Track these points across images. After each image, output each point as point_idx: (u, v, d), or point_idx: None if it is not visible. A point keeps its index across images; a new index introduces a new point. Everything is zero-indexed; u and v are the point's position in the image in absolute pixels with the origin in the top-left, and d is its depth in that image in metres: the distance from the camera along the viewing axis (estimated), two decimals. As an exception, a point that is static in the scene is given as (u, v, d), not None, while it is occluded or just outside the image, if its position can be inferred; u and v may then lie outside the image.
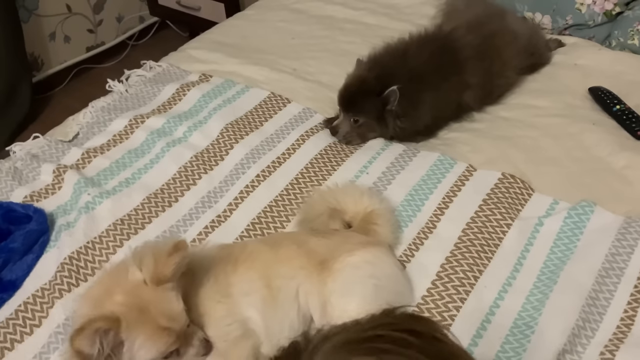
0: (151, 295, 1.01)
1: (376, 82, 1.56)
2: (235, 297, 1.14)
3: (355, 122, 1.60)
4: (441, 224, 1.40)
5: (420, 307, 1.22)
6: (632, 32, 1.87)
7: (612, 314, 1.18)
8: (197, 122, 1.71)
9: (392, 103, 1.54)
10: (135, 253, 1.08)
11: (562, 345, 1.12)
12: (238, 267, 1.17)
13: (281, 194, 1.50)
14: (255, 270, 1.17)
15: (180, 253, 1.03)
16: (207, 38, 2.15)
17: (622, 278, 1.24)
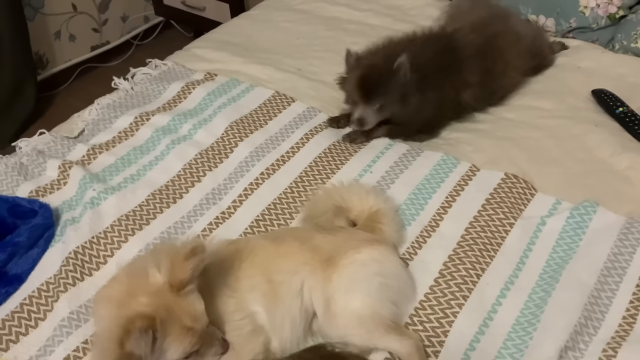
0: (173, 297, 1.01)
1: (385, 65, 1.56)
2: (242, 293, 1.15)
3: (380, 109, 1.58)
4: (444, 222, 1.40)
5: (422, 305, 1.23)
6: (635, 35, 1.88)
7: (614, 312, 1.19)
8: (202, 120, 1.72)
9: (405, 72, 1.54)
10: (153, 254, 1.09)
11: (564, 342, 1.12)
12: (243, 262, 1.18)
13: (285, 191, 1.51)
14: (257, 265, 1.18)
15: (197, 257, 1.02)
16: (212, 37, 2.16)
17: (624, 277, 1.25)
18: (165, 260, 1.01)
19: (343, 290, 1.17)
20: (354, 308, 1.16)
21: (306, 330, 1.20)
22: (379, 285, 1.19)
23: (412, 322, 1.20)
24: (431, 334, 1.18)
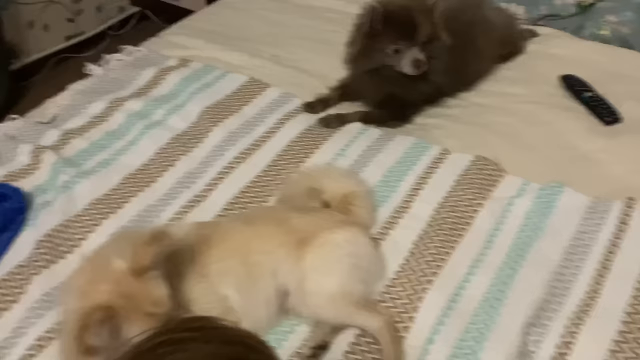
0: (135, 283, 1.01)
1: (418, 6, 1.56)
2: (212, 276, 1.16)
3: (423, 45, 1.55)
4: (415, 204, 1.43)
5: (394, 282, 1.25)
6: (603, 22, 1.93)
7: (577, 288, 1.22)
8: (176, 106, 1.72)
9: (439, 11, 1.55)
10: (115, 241, 1.09)
11: (528, 318, 1.15)
12: (212, 246, 1.18)
13: (259, 175, 1.52)
14: (230, 248, 1.18)
15: (159, 243, 1.03)
16: (187, 25, 2.16)
17: (588, 255, 1.28)
18: (128, 247, 1.01)
19: (316, 270, 1.19)
20: (326, 287, 1.17)
21: (280, 310, 1.21)
22: (350, 266, 1.21)
23: (384, 300, 1.22)
24: (402, 310, 1.20)
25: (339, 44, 1.74)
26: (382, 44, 1.57)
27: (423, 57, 1.55)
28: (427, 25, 1.56)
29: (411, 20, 1.55)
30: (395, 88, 1.66)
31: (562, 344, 1.12)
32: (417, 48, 1.55)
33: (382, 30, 1.56)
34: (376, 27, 1.56)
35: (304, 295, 1.18)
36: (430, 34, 1.57)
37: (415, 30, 1.55)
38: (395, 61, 1.57)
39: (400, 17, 1.55)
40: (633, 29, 1.88)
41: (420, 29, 1.55)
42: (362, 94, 1.75)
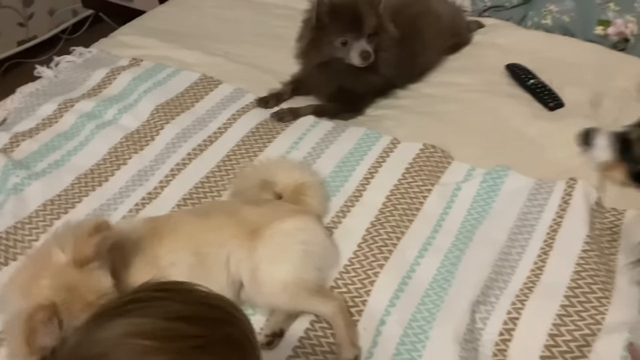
0: (77, 275, 1.02)
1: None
2: (163, 268, 1.16)
3: (369, 37, 1.59)
4: (367, 192, 1.46)
5: (346, 269, 1.27)
6: (545, 12, 1.99)
7: (523, 267, 1.27)
8: (127, 105, 1.72)
9: (380, 2, 1.60)
10: (57, 235, 1.09)
11: (475, 296, 1.19)
12: (163, 238, 1.19)
13: (213, 170, 1.53)
14: (181, 240, 1.20)
15: (101, 233, 1.04)
16: (138, 24, 2.16)
17: (533, 234, 1.33)
18: (68, 239, 1.02)
19: (268, 259, 1.21)
20: (278, 275, 1.19)
21: (234, 300, 1.23)
22: (302, 253, 1.23)
23: (337, 286, 1.25)
24: (355, 294, 1.23)
25: (291, 39, 1.76)
26: (330, 36, 1.60)
27: (370, 49, 1.58)
28: (372, 18, 1.59)
29: (357, 12, 1.59)
30: (345, 81, 1.69)
31: (508, 320, 1.17)
32: (364, 40, 1.58)
33: (329, 24, 1.59)
34: (323, 21, 1.59)
35: (257, 285, 1.19)
36: (376, 26, 1.60)
37: (361, 23, 1.58)
38: (343, 53, 1.60)
39: (346, 10, 1.59)
40: (573, 18, 1.94)
41: (366, 21, 1.58)
42: (314, 87, 1.78)
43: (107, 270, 1.06)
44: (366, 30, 1.59)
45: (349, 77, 1.68)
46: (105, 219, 1.07)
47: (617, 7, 1.89)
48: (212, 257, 1.20)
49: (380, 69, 1.67)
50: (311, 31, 1.63)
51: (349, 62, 1.61)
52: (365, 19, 1.59)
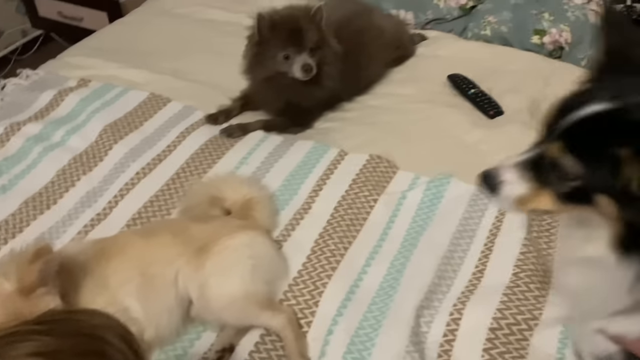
0: (24, 302, 1.01)
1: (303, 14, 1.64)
2: (112, 289, 1.17)
3: (311, 51, 1.63)
4: (315, 204, 1.49)
5: (296, 281, 1.30)
6: (484, 23, 2.06)
7: (464, 270, 1.31)
8: (75, 126, 1.72)
9: (322, 16, 1.64)
10: (0, 264, 1.09)
11: (419, 301, 1.23)
12: (111, 260, 1.20)
13: (162, 188, 1.54)
14: (128, 260, 1.20)
15: (43, 259, 1.03)
16: (85, 45, 2.15)
17: (474, 239, 1.38)
18: (12, 267, 1.02)
19: (216, 275, 1.23)
20: (227, 291, 1.21)
21: (184, 317, 1.24)
22: (251, 268, 1.25)
23: (286, 298, 1.27)
24: (304, 306, 1.25)
25: (238, 55, 1.79)
26: (273, 51, 1.64)
27: (312, 62, 1.63)
28: (313, 32, 1.64)
29: (298, 27, 1.63)
30: (291, 95, 1.72)
31: (451, 321, 1.21)
32: (305, 53, 1.62)
33: (271, 38, 1.63)
34: (265, 36, 1.63)
35: (206, 301, 1.21)
36: (318, 40, 1.65)
37: (302, 37, 1.62)
38: (286, 67, 1.64)
39: (287, 25, 1.63)
40: (510, 28, 2.02)
41: (307, 35, 1.63)
42: (262, 102, 1.81)
43: (57, 295, 1.06)
44: (308, 44, 1.63)
45: (294, 91, 1.71)
46: (47, 244, 1.07)
47: (551, 17, 1.98)
48: (160, 277, 1.21)
49: (324, 82, 1.71)
50: (254, 46, 1.67)
51: (292, 76, 1.65)
52: (306, 33, 1.63)
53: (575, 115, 0.72)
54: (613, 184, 0.69)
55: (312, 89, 1.71)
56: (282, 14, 1.66)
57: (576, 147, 0.72)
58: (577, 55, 1.96)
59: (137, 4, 2.51)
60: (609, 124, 0.71)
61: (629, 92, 0.72)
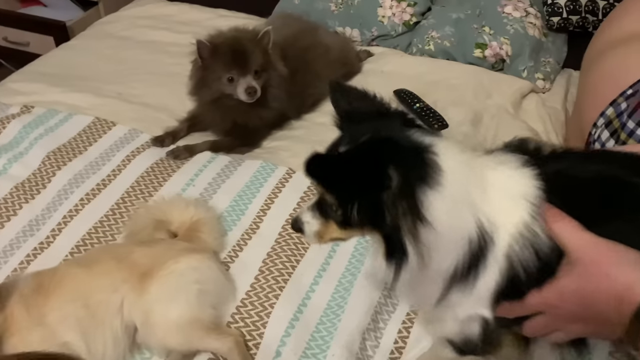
0: None
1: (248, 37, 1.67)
2: (50, 325, 1.14)
3: (256, 73, 1.64)
4: (263, 224, 1.48)
5: (244, 302, 1.29)
6: (427, 39, 2.11)
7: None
8: (17, 154, 1.68)
9: (269, 40, 1.67)
10: None
11: (366, 324, 1.23)
12: (49, 295, 1.16)
13: (107, 214, 1.51)
14: (68, 293, 1.17)
15: None
16: (28, 70, 2.11)
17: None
18: None
19: (161, 300, 1.20)
20: (172, 317, 1.19)
21: (131, 345, 1.22)
22: (197, 292, 1.23)
23: (234, 320, 1.26)
24: (251, 327, 1.24)
25: (184, 76, 1.79)
26: (217, 73, 1.64)
27: (257, 85, 1.63)
28: (258, 55, 1.65)
29: (241, 49, 1.64)
30: (238, 116, 1.72)
31: (398, 339, 1.22)
32: (250, 76, 1.63)
33: (214, 62, 1.63)
34: (207, 60, 1.63)
35: (151, 327, 1.19)
36: (263, 63, 1.66)
37: (246, 59, 1.63)
38: (231, 89, 1.65)
39: (230, 48, 1.64)
40: (453, 42, 2.07)
41: (251, 58, 1.63)
42: (210, 123, 1.80)
43: None
44: (252, 67, 1.63)
45: (241, 112, 1.71)
46: None
47: (491, 30, 2.03)
48: (104, 305, 1.19)
49: (270, 103, 1.72)
50: (198, 70, 1.67)
51: (237, 98, 1.65)
52: (251, 55, 1.64)
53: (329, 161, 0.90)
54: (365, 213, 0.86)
55: (259, 111, 1.71)
56: (226, 37, 1.67)
57: (331, 186, 0.89)
58: (517, 67, 2.02)
59: (84, 27, 2.49)
60: (350, 163, 0.87)
61: (357, 136, 0.89)
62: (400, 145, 0.87)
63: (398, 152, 0.85)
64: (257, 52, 1.65)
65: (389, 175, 0.81)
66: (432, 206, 0.81)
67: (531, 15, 2.06)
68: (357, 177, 0.85)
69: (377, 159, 0.84)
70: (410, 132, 0.90)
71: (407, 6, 2.14)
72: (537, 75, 2.01)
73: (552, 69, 2.06)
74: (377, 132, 0.90)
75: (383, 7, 2.15)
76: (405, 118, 0.97)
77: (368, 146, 0.88)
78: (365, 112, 0.97)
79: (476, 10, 2.09)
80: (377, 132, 0.90)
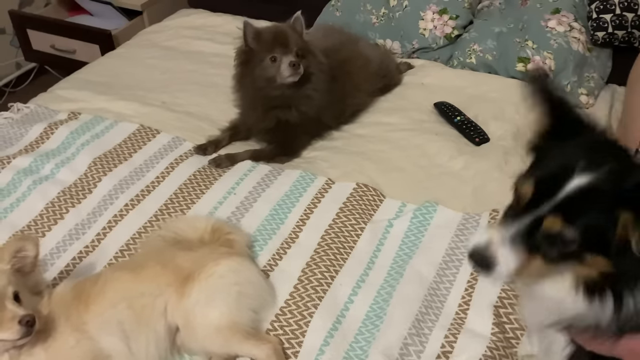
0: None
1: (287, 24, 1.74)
2: (88, 332, 1.17)
3: (298, 56, 1.68)
4: (302, 233, 1.50)
5: (283, 310, 1.30)
6: (469, 52, 2.10)
7: (451, 301, 1.32)
8: (64, 159, 1.73)
9: (302, 25, 1.73)
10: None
11: (405, 330, 1.23)
12: (91, 303, 1.20)
13: (150, 220, 1.55)
14: (111, 298, 1.20)
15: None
16: (76, 78, 2.18)
17: (460, 269, 1.38)
18: None
19: (202, 303, 1.23)
20: (212, 319, 1.21)
21: (171, 347, 1.24)
22: (236, 295, 1.26)
23: (274, 328, 1.27)
24: (290, 336, 1.25)
25: (226, 86, 1.83)
26: (260, 56, 1.71)
27: (297, 60, 1.67)
28: (297, 38, 1.71)
29: (283, 32, 1.71)
30: (280, 112, 1.75)
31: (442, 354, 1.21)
32: (291, 55, 1.68)
33: (257, 45, 1.70)
34: (251, 43, 1.70)
35: (192, 329, 1.21)
36: (302, 47, 1.71)
37: (287, 40, 1.69)
38: (274, 70, 1.69)
39: (272, 31, 1.72)
40: (495, 56, 2.06)
41: (292, 39, 1.69)
42: (252, 125, 1.83)
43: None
44: (293, 47, 1.69)
45: (282, 106, 1.74)
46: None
47: (534, 44, 2.01)
48: (149, 309, 1.22)
49: (310, 92, 1.75)
50: (243, 55, 1.74)
51: (281, 82, 1.68)
52: (291, 36, 1.70)
53: (564, 190, 0.76)
54: (610, 246, 0.75)
55: (299, 102, 1.74)
56: (266, 26, 1.75)
57: (574, 218, 0.75)
58: (561, 82, 1.99)
59: (129, 36, 2.55)
60: (600, 194, 0.75)
61: (596, 159, 0.77)
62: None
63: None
64: (296, 35, 1.71)
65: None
66: None
67: (575, 29, 2.04)
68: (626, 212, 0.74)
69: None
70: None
71: (449, 19, 2.14)
72: (581, 90, 1.99)
73: (596, 84, 2.03)
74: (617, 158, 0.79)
75: (424, 19, 2.15)
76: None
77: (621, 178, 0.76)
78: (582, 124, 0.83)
79: (519, 24, 2.08)
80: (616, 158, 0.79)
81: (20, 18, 3.03)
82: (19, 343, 1.09)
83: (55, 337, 1.14)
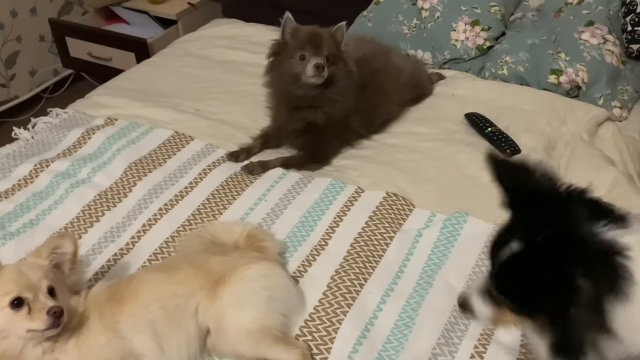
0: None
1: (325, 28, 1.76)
2: (120, 331, 1.19)
3: (327, 60, 1.72)
4: (332, 241, 1.51)
5: (312, 316, 1.32)
6: (501, 63, 2.10)
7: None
8: (101, 163, 1.78)
9: (342, 35, 1.76)
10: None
11: (434, 340, 1.24)
12: (124, 303, 1.22)
13: (183, 224, 1.58)
14: (144, 299, 1.23)
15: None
16: (112, 85, 2.24)
17: (489, 277, 1.38)
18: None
19: (233, 306, 1.25)
20: (242, 322, 1.23)
21: (202, 349, 1.26)
22: (267, 299, 1.27)
23: (302, 333, 1.28)
24: (319, 342, 1.27)
25: (258, 95, 1.86)
26: (291, 51, 1.74)
27: (324, 63, 1.70)
28: (331, 44, 1.74)
29: (318, 34, 1.74)
30: (307, 112, 1.78)
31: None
32: (320, 57, 1.70)
33: (292, 39, 1.74)
34: (288, 36, 1.74)
35: (222, 332, 1.23)
36: (334, 53, 1.74)
37: (320, 43, 1.72)
38: (300, 68, 1.72)
39: (308, 31, 1.74)
40: (527, 68, 2.05)
41: (325, 42, 1.72)
42: (281, 130, 1.85)
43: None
44: (324, 50, 1.72)
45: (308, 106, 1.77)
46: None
47: (567, 57, 2.00)
48: (181, 310, 1.24)
49: (336, 96, 1.77)
50: (276, 47, 1.77)
51: (304, 82, 1.72)
52: (325, 40, 1.73)
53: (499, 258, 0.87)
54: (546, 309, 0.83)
55: (324, 103, 1.77)
56: (307, 26, 1.78)
57: (501, 284, 0.88)
58: (594, 94, 1.98)
59: (163, 45, 2.61)
60: (530, 263, 0.83)
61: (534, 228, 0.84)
62: (589, 246, 0.79)
63: (587, 256, 0.78)
64: (330, 41, 1.73)
65: (578, 285, 0.75)
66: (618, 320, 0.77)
67: (609, 42, 2.02)
68: (541, 287, 0.80)
69: (562, 264, 0.78)
70: (598, 228, 0.81)
71: (481, 30, 2.15)
72: (614, 103, 1.97)
73: (629, 97, 2.01)
74: (559, 225, 0.82)
75: (456, 31, 2.16)
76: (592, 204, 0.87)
77: (552, 247, 0.80)
78: (539, 193, 0.88)
79: (552, 36, 2.07)
80: (558, 225, 0.82)
81: (59, 26, 3.12)
82: (47, 334, 1.12)
83: (88, 335, 1.17)
